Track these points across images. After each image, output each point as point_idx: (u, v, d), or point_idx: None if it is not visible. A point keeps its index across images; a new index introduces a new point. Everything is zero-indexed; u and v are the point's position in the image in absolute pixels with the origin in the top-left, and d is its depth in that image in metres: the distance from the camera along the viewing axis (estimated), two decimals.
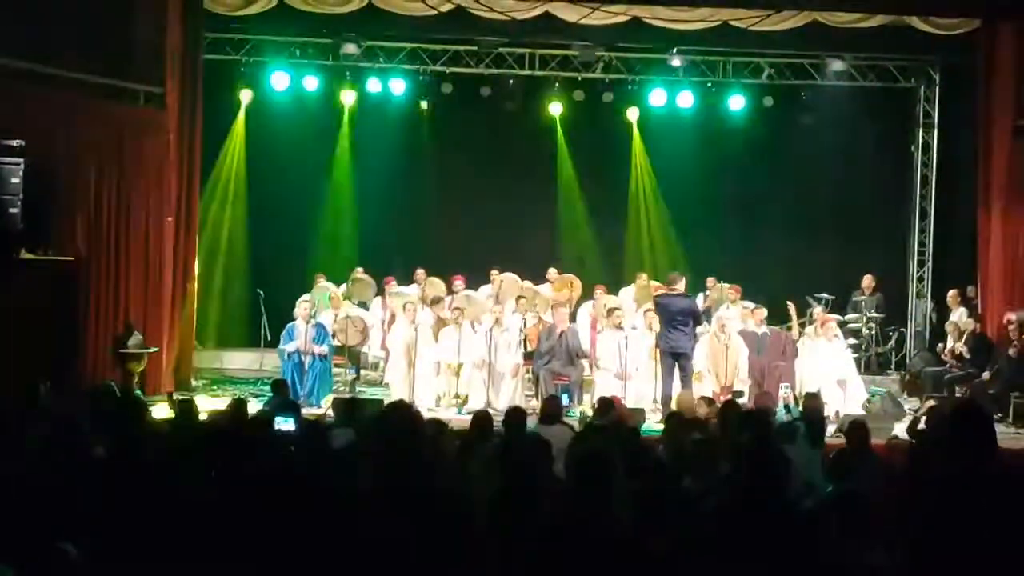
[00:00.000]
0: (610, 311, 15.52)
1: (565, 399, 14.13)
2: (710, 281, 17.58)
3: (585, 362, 15.45)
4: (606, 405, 10.71)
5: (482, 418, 9.06)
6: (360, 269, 18.00)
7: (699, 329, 14.75)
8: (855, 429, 9.01)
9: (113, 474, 6.26)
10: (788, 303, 16.10)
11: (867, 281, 18.15)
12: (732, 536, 5.42)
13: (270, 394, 12.51)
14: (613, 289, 17.53)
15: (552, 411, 10.15)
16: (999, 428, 12.45)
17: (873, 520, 5.71)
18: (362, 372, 16.88)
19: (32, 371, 11.47)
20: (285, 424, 8.74)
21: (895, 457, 11.51)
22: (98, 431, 7.53)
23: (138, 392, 13.56)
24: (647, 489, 6.19)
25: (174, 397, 12.44)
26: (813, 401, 11.30)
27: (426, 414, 10.86)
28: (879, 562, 5.37)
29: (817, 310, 16.31)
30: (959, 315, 16.84)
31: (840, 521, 5.52)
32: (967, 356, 15.45)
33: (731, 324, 15.33)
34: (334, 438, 8.22)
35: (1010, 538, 5.15)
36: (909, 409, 14.97)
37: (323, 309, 16.44)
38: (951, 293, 17.41)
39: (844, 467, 8.28)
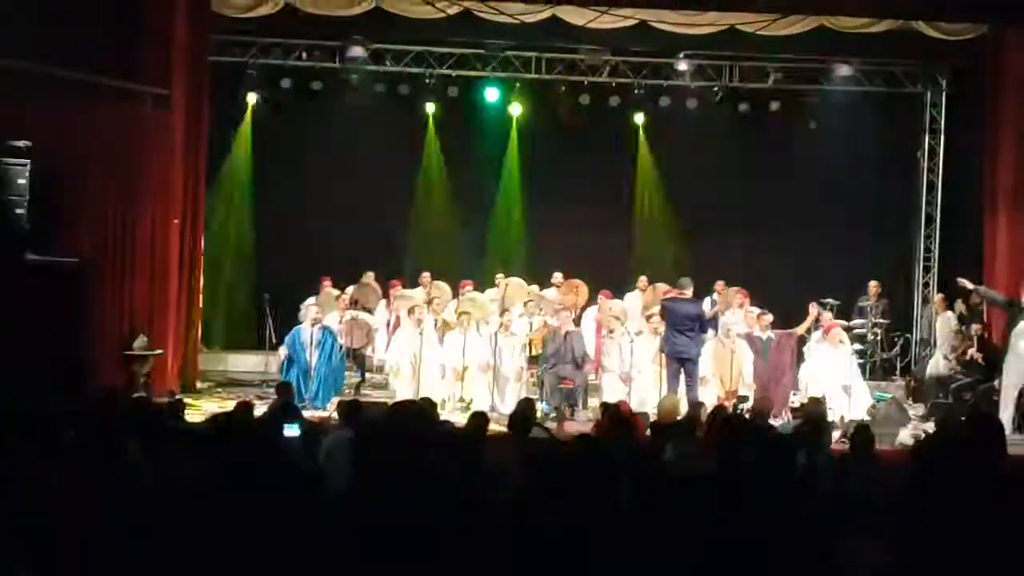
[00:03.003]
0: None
1: (543, 406, 14.17)
2: (719, 285, 17.52)
3: (588, 366, 15.43)
4: (612, 411, 10.69)
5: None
6: (371, 274, 17.98)
7: (708, 335, 14.81)
8: (858, 433, 8.99)
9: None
10: (812, 305, 16.11)
11: (873, 287, 18.10)
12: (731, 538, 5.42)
13: (274, 396, 12.52)
14: (619, 294, 17.51)
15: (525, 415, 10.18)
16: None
17: (877, 523, 5.72)
18: (367, 375, 16.88)
19: (37, 373, 11.49)
20: (291, 431, 8.74)
21: (901, 462, 11.54)
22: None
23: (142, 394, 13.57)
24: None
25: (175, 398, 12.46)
26: (815, 405, 11.28)
27: None
28: (883, 564, 5.38)
29: (826, 316, 16.27)
30: (946, 319, 16.84)
31: (841, 523, 5.53)
32: (982, 363, 15.33)
33: (735, 329, 15.35)
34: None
35: (1015, 543, 5.15)
36: (914, 415, 14.96)
37: (329, 311, 16.44)
38: (937, 298, 17.45)
39: (846, 472, 8.27)
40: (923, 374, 16.74)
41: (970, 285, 15.00)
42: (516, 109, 19.22)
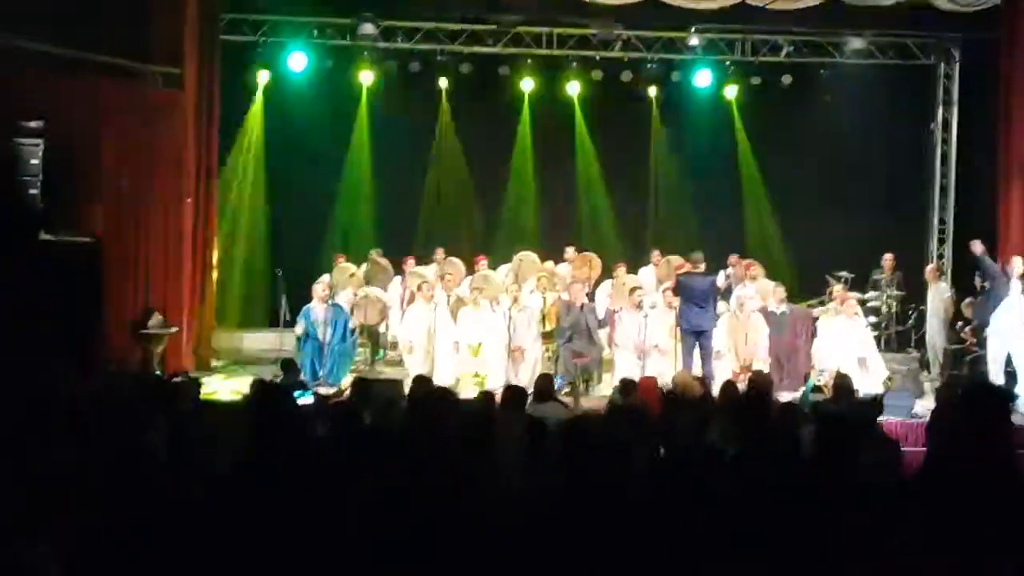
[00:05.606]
0: (632, 290, 15.52)
1: (559, 381, 14.13)
2: (733, 259, 17.47)
3: (604, 340, 15.42)
4: (628, 386, 10.70)
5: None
6: (378, 251, 17.99)
7: (719, 307, 14.80)
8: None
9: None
10: (828, 278, 16.07)
11: (887, 259, 18.04)
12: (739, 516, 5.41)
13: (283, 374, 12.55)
14: (633, 268, 17.51)
15: (544, 389, 10.21)
16: None
17: (882, 496, 5.70)
18: (382, 352, 16.90)
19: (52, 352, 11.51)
20: (304, 399, 8.77)
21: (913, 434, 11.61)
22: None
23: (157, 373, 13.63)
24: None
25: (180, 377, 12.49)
26: (842, 380, 11.25)
27: None
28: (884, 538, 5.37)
29: (837, 288, 16.24)
30: (940, 291, 16.82)
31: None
32: None
33: (750, 303, 15.32)
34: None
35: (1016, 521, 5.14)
36: (928, 387, 14.94)
37: (342, 289, 16.46)
38: (929, 268, 17.44)
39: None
40: (924, 350, 16.86)
41: (979, 250, 14.84)
42: (528, 84, 19.18)
